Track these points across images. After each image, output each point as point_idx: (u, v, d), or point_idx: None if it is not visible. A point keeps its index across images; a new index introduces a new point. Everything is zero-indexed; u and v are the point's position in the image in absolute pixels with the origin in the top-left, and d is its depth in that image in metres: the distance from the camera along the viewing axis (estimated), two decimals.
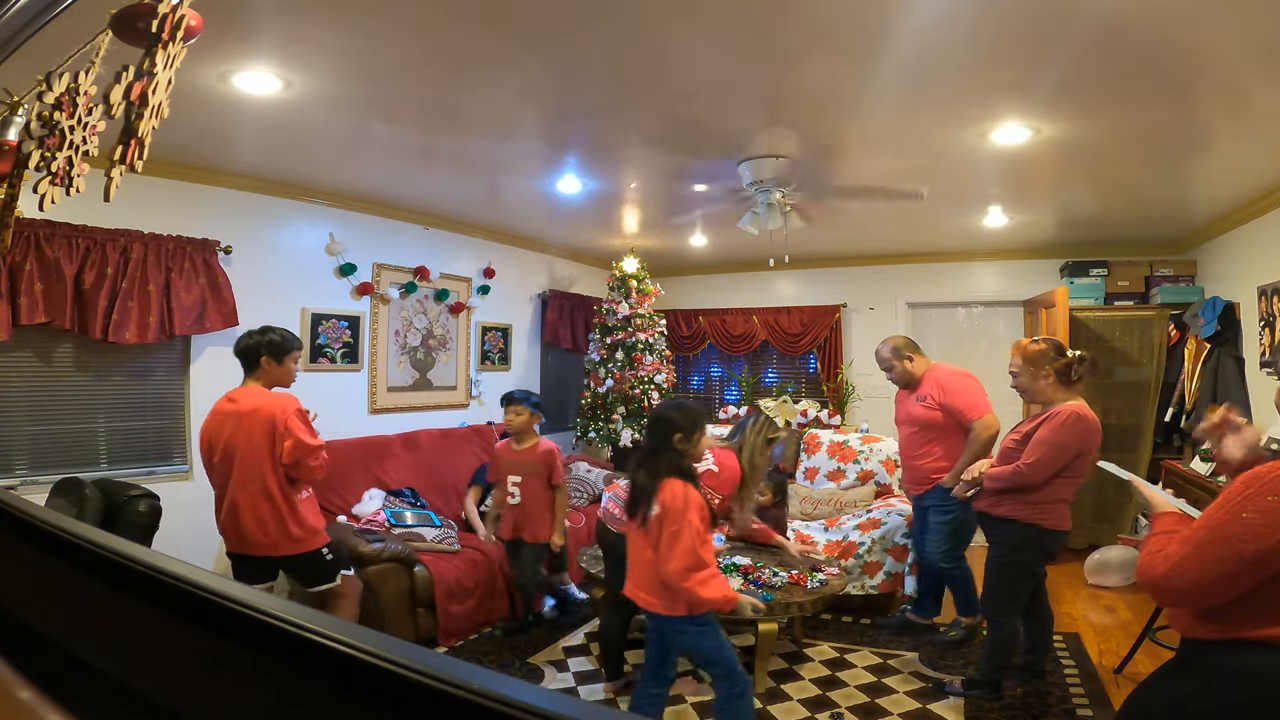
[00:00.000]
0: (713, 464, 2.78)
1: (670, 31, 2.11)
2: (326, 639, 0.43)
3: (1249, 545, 1.19)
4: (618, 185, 3.99)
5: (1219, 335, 4.18)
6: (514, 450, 3.47)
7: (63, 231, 2.99)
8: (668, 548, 2.06)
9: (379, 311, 4.52)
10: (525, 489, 3.40)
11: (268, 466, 2.61)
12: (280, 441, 2.59)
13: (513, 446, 3.49)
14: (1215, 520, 1.25)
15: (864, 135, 3.04)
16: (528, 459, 3.42)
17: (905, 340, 3.58)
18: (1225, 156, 3.20)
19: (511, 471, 3.43)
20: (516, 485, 3.41)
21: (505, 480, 3.45)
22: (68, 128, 0.90)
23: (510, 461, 3.46)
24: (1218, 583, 1.24)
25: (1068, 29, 2.01)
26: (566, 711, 0.36)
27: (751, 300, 6.65)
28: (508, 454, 3.48)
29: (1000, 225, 4.74)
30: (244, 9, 1.94)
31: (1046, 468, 2.60)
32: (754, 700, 2.30)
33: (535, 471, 3.41)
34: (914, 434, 3.51)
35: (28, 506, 0.75)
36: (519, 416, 3.42)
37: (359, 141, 3.19)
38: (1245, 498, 1.22)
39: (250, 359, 2.72)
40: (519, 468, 3.42)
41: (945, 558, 3.40)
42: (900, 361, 3.52)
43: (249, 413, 2.63)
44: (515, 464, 3.44)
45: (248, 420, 2.62)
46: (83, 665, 0.54)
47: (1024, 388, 2.81)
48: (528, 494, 3.40)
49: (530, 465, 3.42)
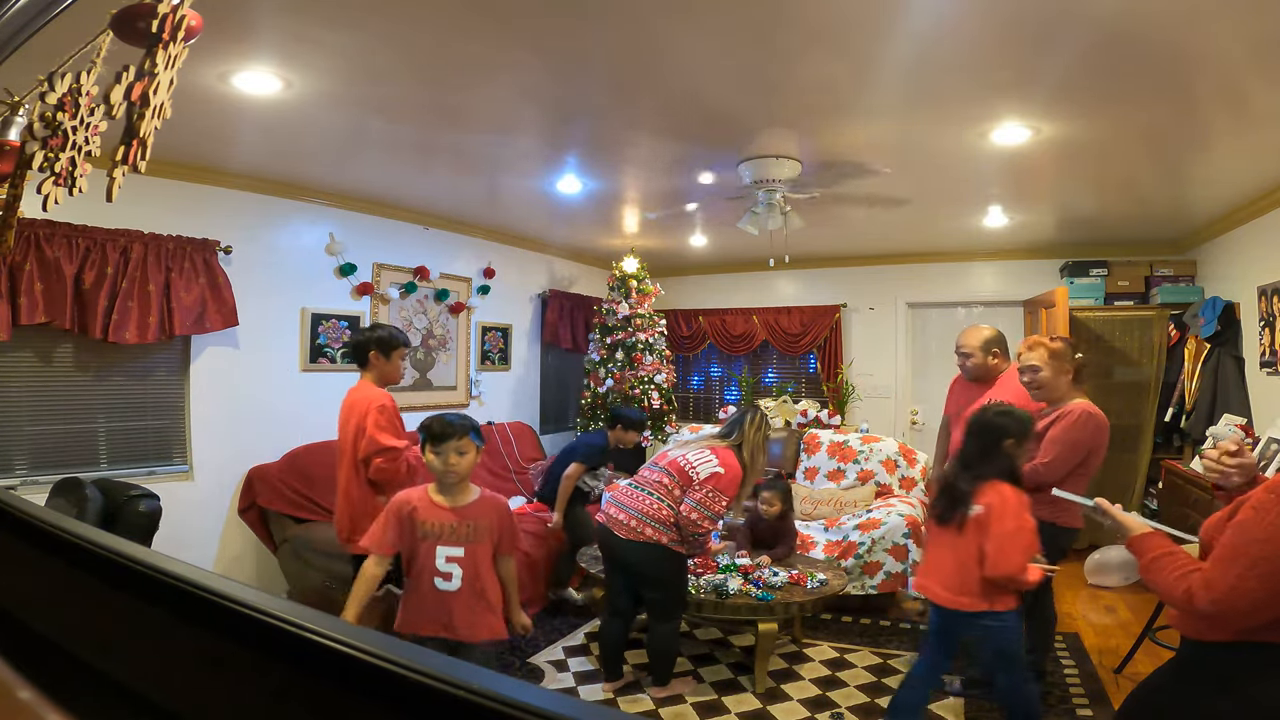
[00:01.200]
0: (718, 465, 2.76)
1: (670, 32, 2.11)
2: (326, 639, 0.43)
3: None
4: (618, 185, 3.99)
5: (1219, 335, 4.18)
6: (443, 508, 2.21)
7: (63, 231, 2.99)
8: (1005, 546, 2.14)
9: (379, 311, 4.51)
10: (470, 564, 2.21)
11: (350, 462, 2.68)
12: (361, 438, 2.64)
13: (438, 502, 2.22)
14: (1263, 533, 1.23)
15: (864, 134, 3.04)
16: (471, 519, 2.23)
17: (999, 335, 3.25)
18: (1225, 156, 3.20)
19: (446, 540, 2.20)
20: (455, 561, 2.19)
21: (431, 554, 2.19)
22: (70, 128, 0.90)
23: (439, 525, 2.20)
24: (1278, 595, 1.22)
25: (1068, 29, 2.01)
26: (566, 711, 0.36)
27: (751, 300, 6.65)
28: (434, 514, 2.21)
29: (1000, 225, 4.74)
30: (244, 9, 1.94)
31: (1062, 466, 2.60)
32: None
33: (480, 538, 2.23)
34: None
35: (28, 506, 0.75)
36: (464, 456, 2.21)
37: (359, 141, 3.19)
38: None
39: (360, 354, 2.81)
40: (458, 534, 2.21)
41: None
42: (986, 356, 3.21)
43: (347, 407, 2.76)
44: (451, 529, 2.20)
45: (344, 414, 2.75)
46: (83, 665, 0.54)
47: (1045, 384, 2.76)
48: (473, 572, 2.21)
49: (475, 529, 2.22)
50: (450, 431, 2.20)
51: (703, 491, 2.72)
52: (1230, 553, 1.28)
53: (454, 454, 2.20)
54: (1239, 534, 1.28)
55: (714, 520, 2.76)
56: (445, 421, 2.23)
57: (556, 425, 6.13)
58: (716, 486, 2.73)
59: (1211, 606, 1.29)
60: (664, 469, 2.83)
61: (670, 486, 2.78)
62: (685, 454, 2.85)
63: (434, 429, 2.22)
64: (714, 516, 2.75)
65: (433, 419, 2.25)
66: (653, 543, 2.74)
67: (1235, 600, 1.26)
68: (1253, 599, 1.24)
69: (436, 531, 2.20)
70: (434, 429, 2.22)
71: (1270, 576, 1.22)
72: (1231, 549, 1.28)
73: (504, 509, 2.34)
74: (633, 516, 2.78)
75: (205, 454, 3.61)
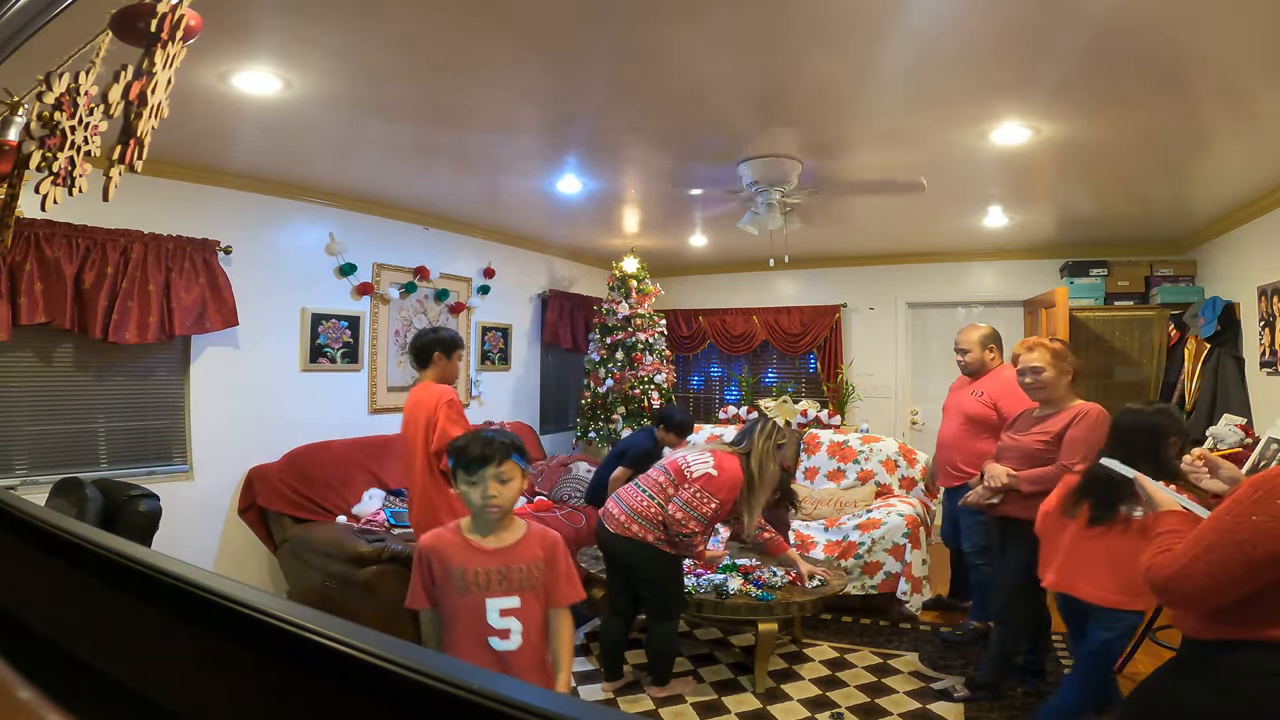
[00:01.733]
0: (711, 467, 2.75)
1: (670, 32, 2.11)
2: (326, 639, 0.43)
3: (1259, 548, 1.19)
4: (618, 185, 3.99)
5: (1219, 335, 4.18)
6: (485, 550, 1.71)
7: (63, 231, 2.99)
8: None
9: (379, 311, 4.52)
10: (529, 616, 1.71)
11: (423, 458, 2.78)
12: (432, 432, 2.74)
13: (476, 543, 1.72)
14: (1225, 524, 1.26)
15: (864, 135, 3.04)
16: (523, 561, 1.73)
17: (995, 333, 3.50)
18: (1225, 156, 3.20)
19: (495, 590, 1.69)
20: (512, 614, 1.69)
21: (479, 610, 1.68)
22: (69, 128, 0.90)
23: (484, 573, 1.70)
24: (1226, 585, 1.25)
25: (1068, 29, 2.01)
26: (566, 711, 0.36)
27: (751, 300, 6.65)
28: (474, 559, 1.70)
29: (1000, 225, 4.74)
30: (244, 9, 1.94)
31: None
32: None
33: (535, 583, 1.74)
34: (961, 427, 3.44)
35: (28, 506, 0.75)
36: (507, 484, 1.71)
37: (359, 141, 3.19)
38: (1255, 501, 1.22)
39: (423, 355, 2.93)
40: (509, 581, 1.71)
41: (981, 554, 3.38)
42: (983, 351, 3.44)
43: (414, 404, 2.87)
44: (500, 575, 1.71)
45: (410, 412, 2.88)
46: (83, 665, 0.54)
47: (1048, 384, 2.74)
48: (534, 624, 1.73)
49: (528, 572, 1.73)
50: (489, 454, 1.69)
51: (690, 491, 2.71)
52: (1195, 535, 1.31)
53: (494, 482, 1.69)
54: (1209, 520, 1.32)
55: (700, 521, 2.72)
56: (484, 440, 1.72)
57: (556, 425, 6.13)
58: (705, 487, 2.71)
59: (1160, 583, 1.33)
60: (664, 468, 2.85)
61: (665, 485, 2.79)
62: (686, 455, 2.86)
63: (468, 450, 1.70)
64: (700, 518, 2.71)
65: (467, 438, 1.75)
66: (637, 539, 2.75)
67: (1180, 582, 1.29)
68: (1197, 583, 1.27)
69: (482, 581, 1.69)
70: (468, 450, 1.70)
71: (1219, 564, 1.24)
72: (1198, 532, 1.31)
73: (558, 546, 1.79)
74: (624, 512, 2.81)
75: (205, 454, 3.61)
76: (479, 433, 1.79)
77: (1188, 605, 1.35)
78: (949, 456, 3.50)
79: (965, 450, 3.39)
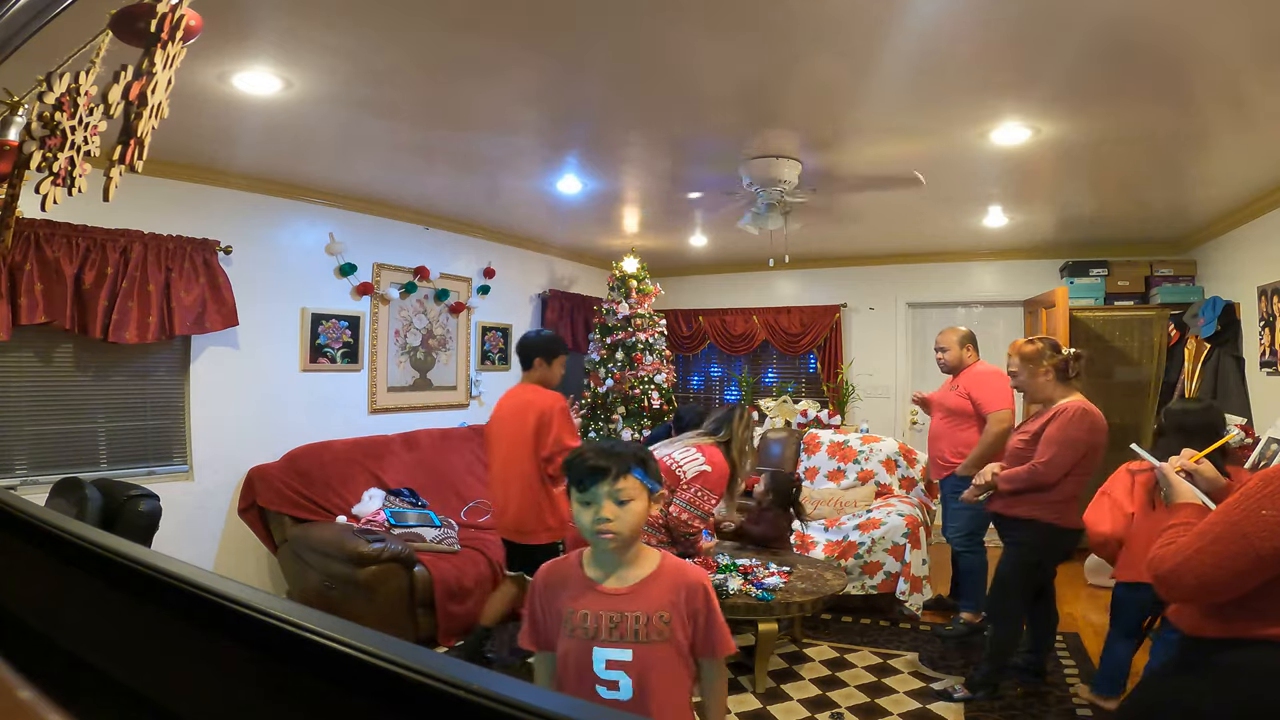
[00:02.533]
0: (705, 464, 2.74)
1: (670, 32, 2.11)
2: (326, 639, 0.43)
3: (1266, 543, 1.19)
4: (618, 185, 3.99)
5: (1219, 335, 4.18)
6: (598, 591, 1.40)
7: (63, 231, 2.99)
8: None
9: (379, 311, 4.52)
10: (640, 673, 1.37)
11: (532, 459, 2.90)
12: (544, 435, 2.88)
13: (592, 579, 1.42)
14: (1233, 517, 1.25)
15: (864, 135, 3.04)
16: (643, 608, 1.38)
17: (971, 334, 3.79)
18: (1225, 156, 3.20)
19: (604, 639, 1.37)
20: (619, 667, 1.37)
21: (586, 658, 1.37)
22: (69, 128, 0.90)
23: (593, 618, 1.38)
24: (1230, 579, 1.24)
25: (1068, 29, 2.01)
26: (566, 711, 0.36)
27: (751, 300, 6.65)
28: (584, 599, 1.40)
29: (1000, 225, 4.74)
30: (244, 9, 1.95)
31: (1061, 465, 2.61)
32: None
33: (659, 635, 1.38)
34: (944, 419, 3.68)
35: (28, 506, 0.75)
36: (627, 507, 1.38)
37: (359, 141, 3.19)
38: (1264, 495, 1.22)
39: (527, 358, 3.07)
40: (621, 630, 1.37)
41: (963, 542, 3.53)
42: (960, 349, 3.71)
43: (522, 405, 2.98)
44: (611, 622, 1.37)
45: (514, 412, 2.99)
46: (83, 665, 0.54)
47: (1023, 386, 2.87)
48: (647, 684, 1.37)
49: (649, 623, 1.37)
50: (603, 468, 1.38)
51: (691, 491, 2.71)
52: (1201, 529, 1.31)
53: (610, 502, 1.37)
54: (1216, 514, 1.32)
55: (704, 519, 2.75)
56: (601, 450, 1.41)
57: None
58: (705, 485, 2.71)
59: (1164, 575, 1.33)
60: None
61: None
62: (671, 453, 2.81)
63: (582, 461, 1.40)
64: (703, 516, 2.73)
65: (584, 450, 1.44)
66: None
67: (1183, 573, 1.29)
68: (1200, 575, 1.26)
69: (590, 626, 1.37)
70: (582, 461, 1.40)
71: (1225, 558, 1.24)
72: (1204, 526, 1.31)
73: (697, 591, 1.43)
74: None
75: (205, 454, 3.61)
76: (599, 443, 1.49)
77: (1190, 598, 1.35)
78: (938, 449, 3.72)
79: (951, 440, 3.62)
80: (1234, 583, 1.24)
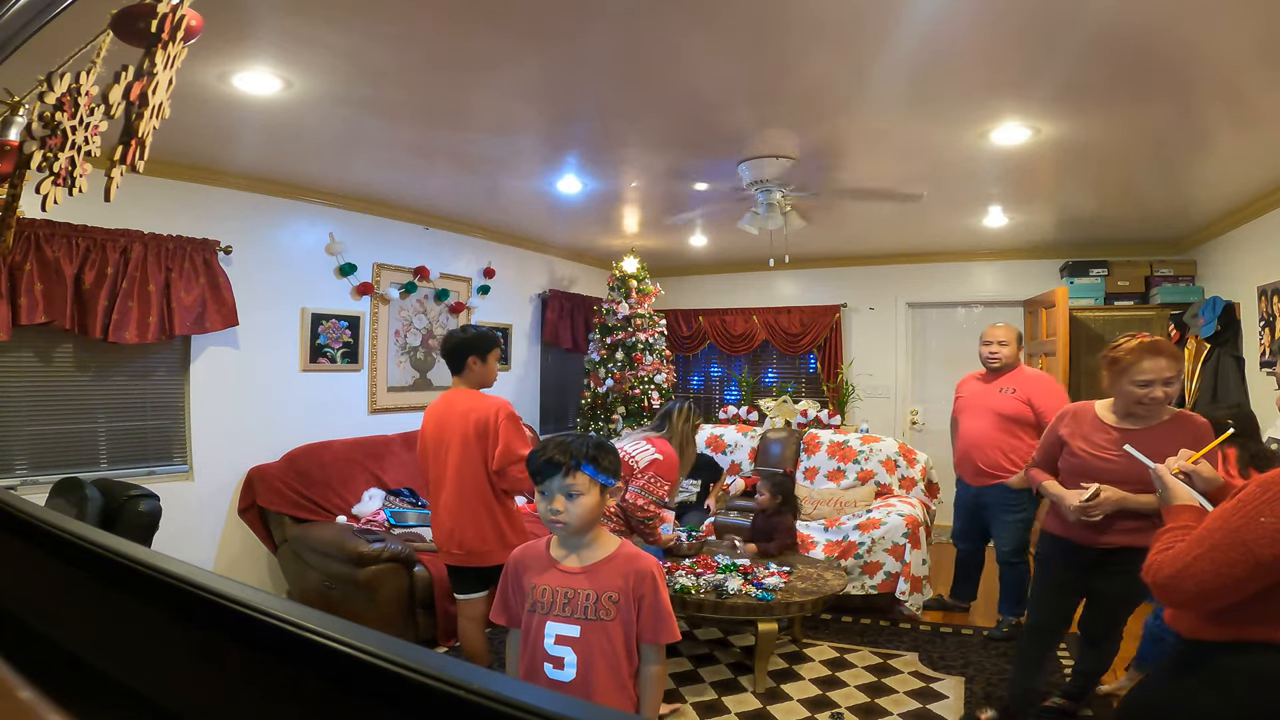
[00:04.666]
0: (655, 453, 2.97)
1: (670, 31, 2.11)
2: (326, 639, 0.43)
3: (1266, 549, 1.19)
4: (618, 185, 3.99)
5: (1219, 335, 4.18)
6: (558, 569, 1.57)
7: (63, 231, 2.99)
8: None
9: (379, 311, 4.52)
10: (586, 651, 1.51)
11: (480, 471, 2.57)
12: (490, 446, 2.56)
13: (558, 560, 1.58)
14: (1232, 523, 1.24)
15: (864, 135, 3.04)
16: (595, 586, 1.54)
17: (1021, 332, 3.69)
18: (1225, 156, 3.20)
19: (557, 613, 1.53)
20: (567, 643, 1.51)
21: (540, 631, 1.54)
22: (69, 128, 0.90)
23: (550, 592, 1.55)
24: (1230, 585, 1.23)
25: (1068, 29, 2.01)
26: (566, 711, 0.36)
27: (751, 300, 6.65)
28: (545, 575, 1.57)
29: (1000, 225, 4.74)
30: (244, 9, 1.94)
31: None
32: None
33: (606, 614, 1.53)
34: (995, 424, 3.44)
35: (28, 506, 0.75)
36: (576, 500, 1.52)
37: (359, 141, 3.19)
38: (1263, 502, 1.21)
39: (457, 359, 2.67)
40: (573, 605, 1.53)
41: (1015, 554, 3.42)
42: (1017, 347, 3.56)
43: (458, 414, 2.59)
44: (565, 597, 1.53)
45: (449, 421, 2.60)
46: (83, 665, 0.54)
47: (1173, 398, 2.31)
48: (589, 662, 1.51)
49: (598, 600, 1.53)
50: (556, 463, 1.51)
51: (645, 478, 2.93)
52: (1198, 534, 1.30)
53: (561, 496, 1.51)
54: (1213, 519, 1.31)
55: (657, 504, 2.94)
56: (557, 445, 1.55)
57: (557, 425, 6.13)
58: (657, 472, 2.94)
59: (1162, 582, 1.33)
60: None
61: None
62: (624, 446, 3.02)
63: (538, 456, 1.55)
64: (657, 500, 2.93)
65: (546, 443, 1.58)
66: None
67: (1181, 580, 1.28)
68: (1199, 582, 1.26)
69: (546, 601, 1.52)
70: (538, 456, 1.55)
71: (1224, 564, 1.23)
72: (1202, 531, 1.30)
73: (646, 576, 1.55)
74: None
75: (205, 454, 3.61)
76: (559, 436, 1.60)
77: (1188, 605, 1.34)
78: (986, 455, 3.45)
79: (1003, 446, 3.42)
80: (1233, 589, 1.24)
